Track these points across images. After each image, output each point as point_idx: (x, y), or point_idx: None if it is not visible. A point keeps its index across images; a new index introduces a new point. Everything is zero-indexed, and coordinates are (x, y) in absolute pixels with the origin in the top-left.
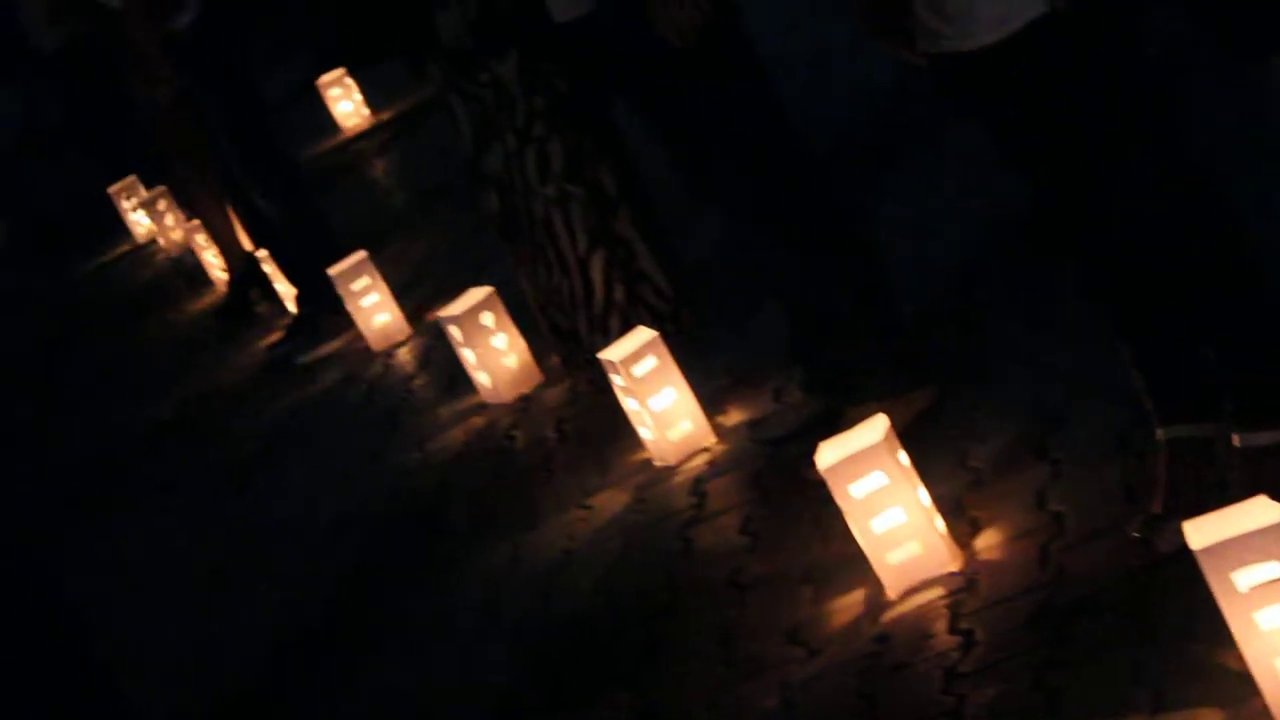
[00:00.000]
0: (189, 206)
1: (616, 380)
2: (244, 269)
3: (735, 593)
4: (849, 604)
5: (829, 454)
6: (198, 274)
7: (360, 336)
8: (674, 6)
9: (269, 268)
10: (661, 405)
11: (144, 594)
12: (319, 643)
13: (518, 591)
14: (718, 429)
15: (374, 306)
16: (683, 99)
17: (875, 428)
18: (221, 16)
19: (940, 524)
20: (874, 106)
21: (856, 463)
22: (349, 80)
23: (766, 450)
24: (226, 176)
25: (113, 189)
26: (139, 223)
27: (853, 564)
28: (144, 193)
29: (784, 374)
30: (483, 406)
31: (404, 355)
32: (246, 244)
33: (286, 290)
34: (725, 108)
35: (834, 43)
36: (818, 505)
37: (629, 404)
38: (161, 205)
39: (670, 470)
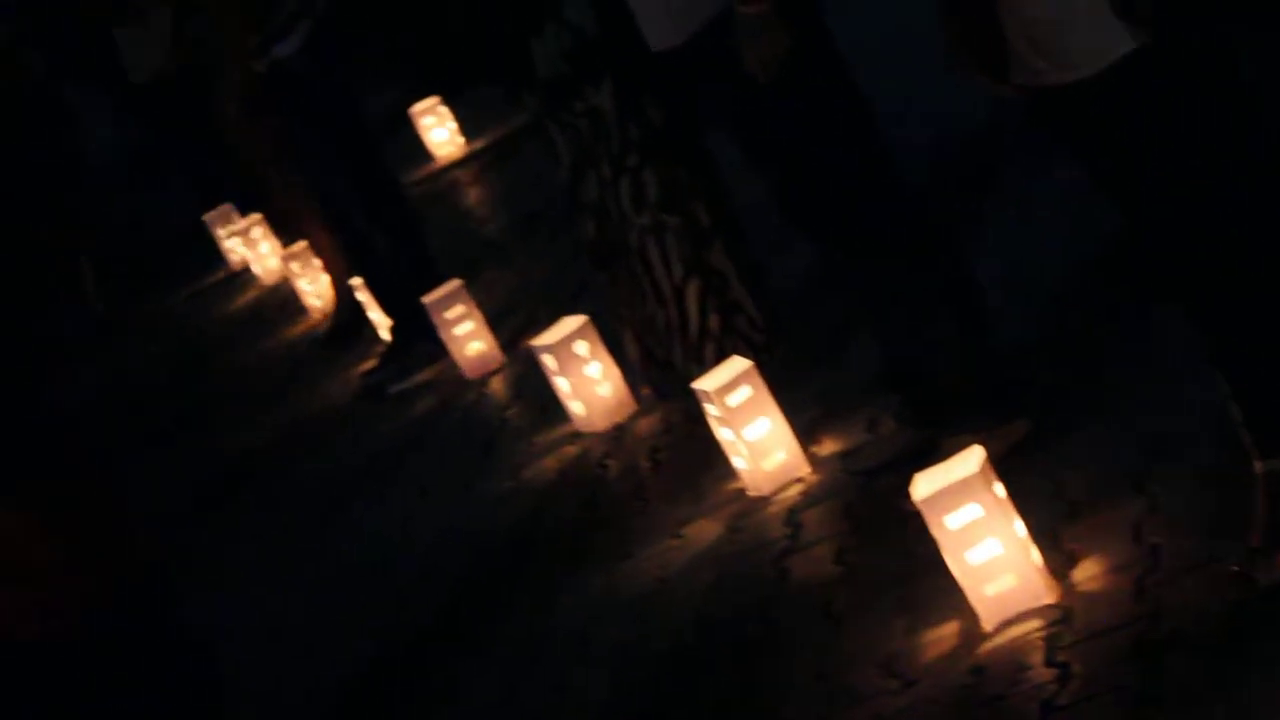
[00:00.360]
0: (291, 232)
1: (711, 410)
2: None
3: (830, 623)
4: (944, 635)
5: (924, 485)
6: (291, 301)
7: (454, 365)
8: (758, 40)
9: (363, 295)
10: (756, 435)
11: (237, 621)
12: (412, 670)
13: (611, 621)
14: (812, 459)
15: (468, 335)
16: (777, 128)
17: (971, 459)
18: (327, 44)
19: (1036, 556)
20: (967, 136)
21: (952, 494)
22: (443, 108)
23: (861, 481)
24: (328, 204)
25: (207, 217)
26: (233, 250)
27: (948, 595)
28: (238, 220)
29: (879, 404)
30: (576, 435)
31: (498, 384)
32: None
33: (381, 319)
34: (819, 137)
35: (926, 71)
36: (913, 536)
37: (723, 434)
38: (256, 233)
39: (764, 500)
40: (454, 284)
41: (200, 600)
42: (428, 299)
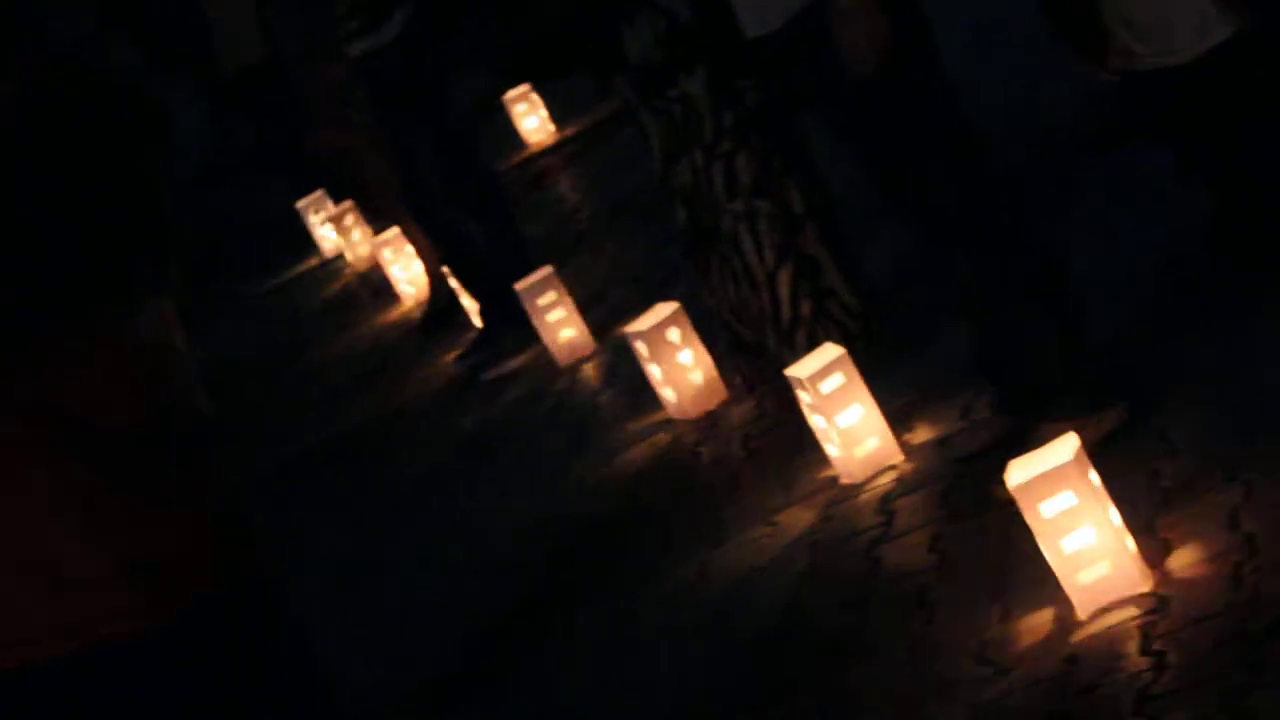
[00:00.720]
0: (383, 219)
1: (803, 397)
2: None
3: (923, 611)
4: (1038, 623)
5: (1019, 473)
6: (384, 288)
7: (546, 351)
8: (857, 31)
9: (454, 282)
10: (848, 422)
11: (328, 608)
12: (503, 657)
13: (703, 608)
14: (905, 446)
15: (559, 321)
16: (872, 115)
17: (1065, 446)
18: (422, 32)
19: (1131, 544)
20: (1060, 121)
21: (1047, 482)
22: (534, 95)
23: (955, 468)
24: (419, 192)
25: (300, 204)
26: (326, 237)
27: (1042, 583)
28: (331, 207)
29: (972, 391)
30: (668, 422)
31: (589, 370)
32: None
33: (472, 305)
34: (914, 124)
35: (1020, 57)
36: (1006, 524)
37: (816, 421)
38: (349, 220)
39: (857, 488)
40: (545, 271)
41: (291, 588)
42: (519, 285)
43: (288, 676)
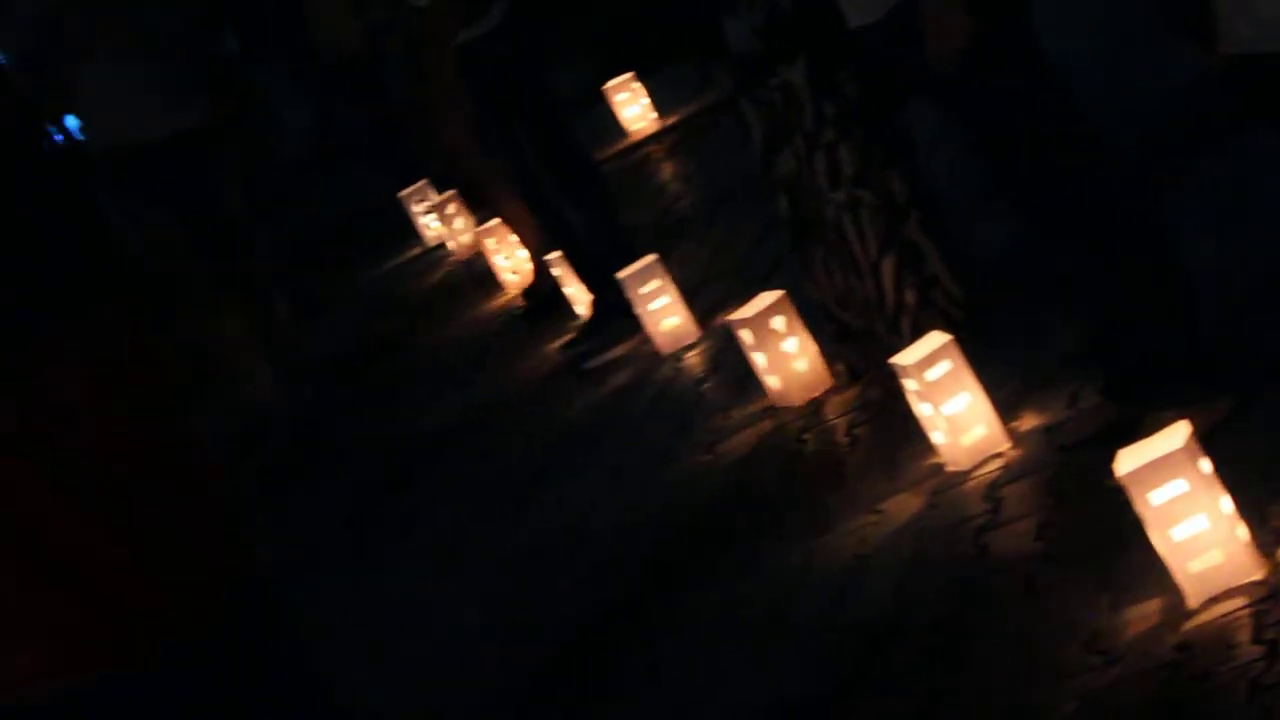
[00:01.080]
0: (486, 208)
1: (909, 385)
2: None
3: (1031, 599)
4: (1148, 612)
5: (1128, 460)
6: (487, 277)
7: (649, 340)
8: (941, 28)
9: (559, 271)
10: (955, 410)
11: (432, 597)
12: (608, 648)
13: (810, 596)
14: (1012, 434)
15: (663, 309)
16: (977, 103)
17: (1176, 434)
18: (523, 22)
19: (1243, 532)
20: (1170, 106)
21: (1157, 470)
22: (636, 84)
23: (1063, 456)
24: (522, 180)
25: (403, 194)
26: (429, 226)
27: (1151, 572)
28: (434, 196)
29: (1081, 379)
30: (773, 410)
31: (693, 358)
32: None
33: (578, 294)
34: (1019, 111)
35: (1129, 40)
36: (1115, 512)
37: (922, 409)
38: (451, 209)
39: (963, 475)
40: (649, 259)
41: (396, 576)
42: (623, 274)
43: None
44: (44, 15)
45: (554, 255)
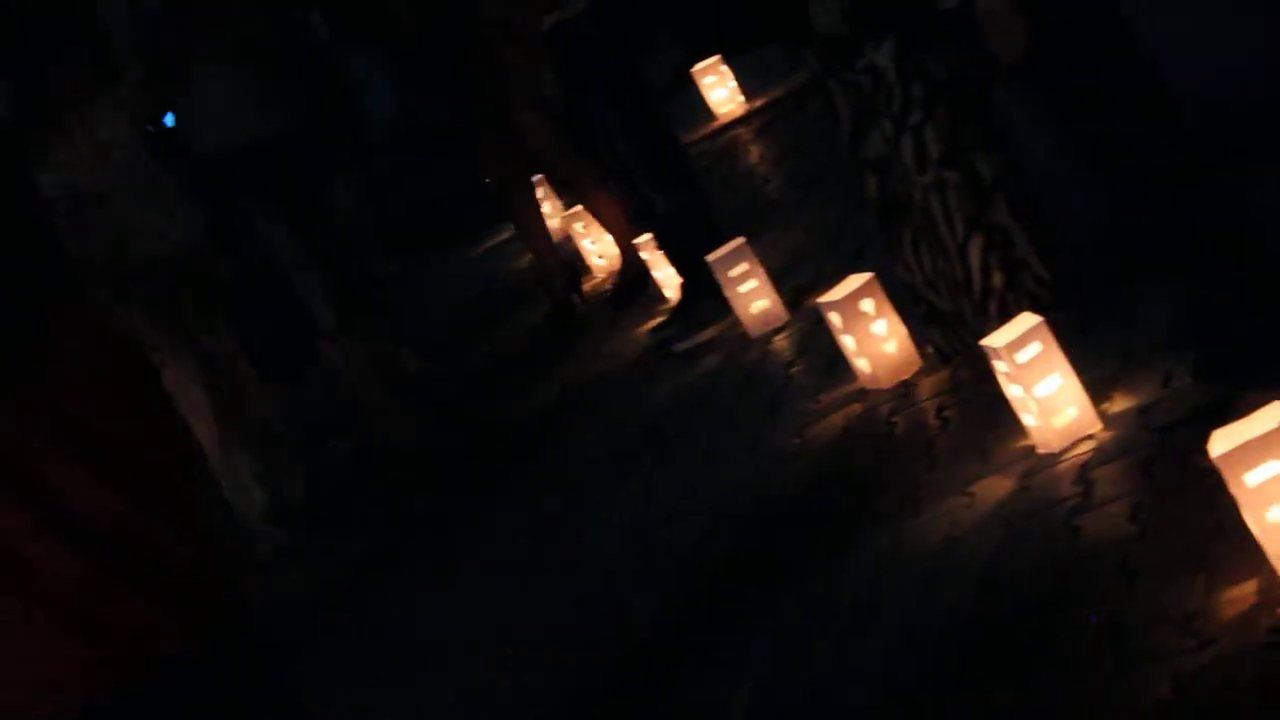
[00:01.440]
0: (573, 192)
1: (999, 366)
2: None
3: (1124, 581)
4: (1243, 594)
5: (1222, 441)
6: (575, 261)
7: (738, 322)
8: (1000, 28)
9: (648, 255)
10: (1045, 391)
11: (518, 581)
12: (695, 635)
13: (899, 579)
14: (1103, 415)
15: (752, 292)
16: (1065, 86)
17: (1272, 415)
18: (610, 5)
19: None
20: (1256, 83)
21: (1252, 451)
22: (724, 67)
23: (1155, 437)
24: (609, 164)
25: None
26: None
27: (1246, 554)
28: None
29: (1173, 359)
30: (862, 393)
31: (782, 341)
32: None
33: (667, 277)
34: (1109, 94)
35: (1214, 17)
36: (1210, 494)
37: (1012, 390)
38: (539, 193)
39: (1054, 457)
40: (738, 241)
41: (483, 558)
42: (711, 257)
43: None
44: (170, 8)
45: (643, 239)
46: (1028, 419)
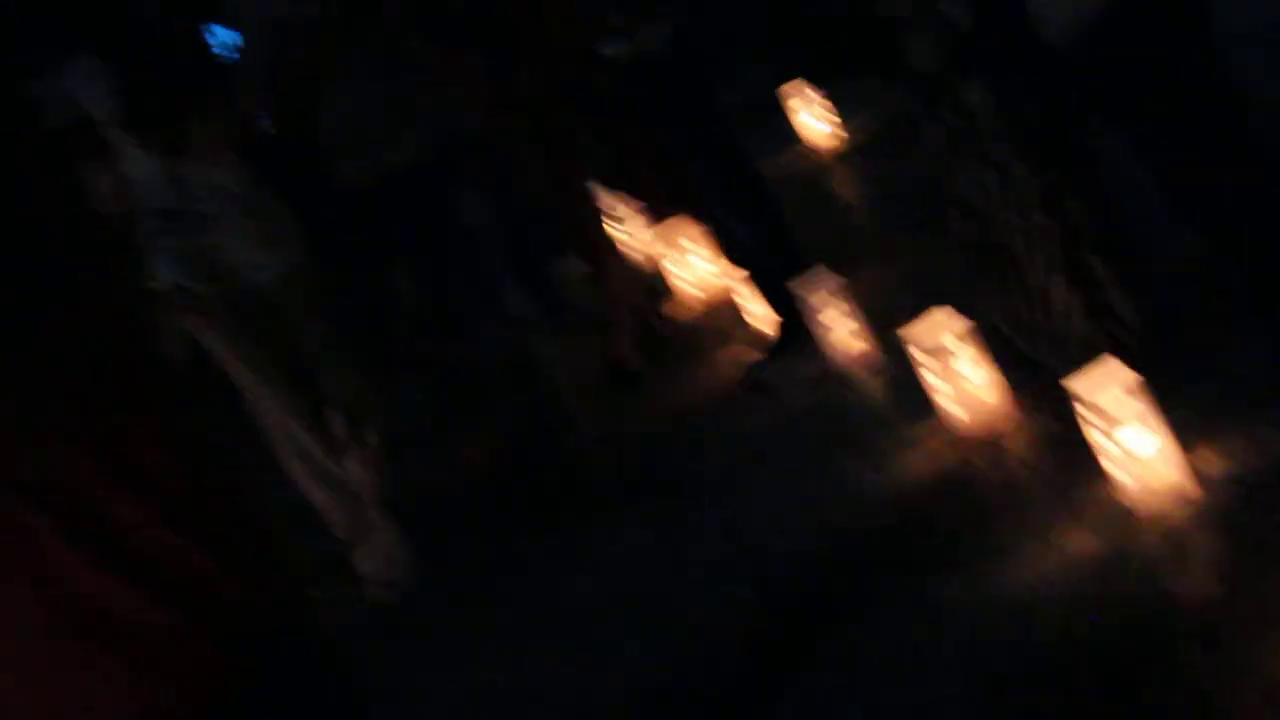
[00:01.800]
0: (656, 218)
1: (1084, 413)
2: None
3: (1210, 644)
4: None
5: None
6: (659, 285)
7: (824, 355)
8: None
9: (742, 288)
10: (1131, 441)
11: (594, 608)
12: (767, 683)
13: (978, 630)
14: (1193, 469)
15: (836, 324)
16: (1163, 125)
17: None
18: (692, 30)
19: None
20: None
21: None
22: (810, 92)
23: (1246, 494)
24: (693, 194)
25: None
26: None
27: None
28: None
29: (1266, 413)
30: (948, 435)
31: (867, 375)
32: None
33: (759, 310)
34: (1206, 131)
35: None
36: None
37: (1097, 439)
38: (621, 211)
39: (1140, 510)
40: (824, 273)
41: (565, 589)
42: (799, 289)
43: None
44: (296, 20)
45: (739, 272)
46: (1112, 469)
